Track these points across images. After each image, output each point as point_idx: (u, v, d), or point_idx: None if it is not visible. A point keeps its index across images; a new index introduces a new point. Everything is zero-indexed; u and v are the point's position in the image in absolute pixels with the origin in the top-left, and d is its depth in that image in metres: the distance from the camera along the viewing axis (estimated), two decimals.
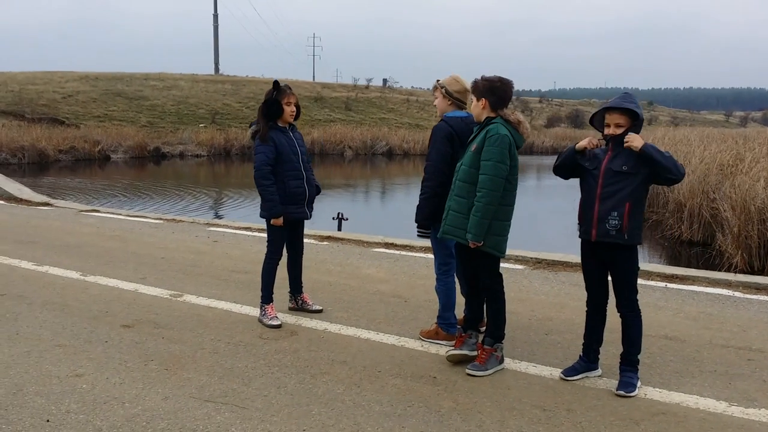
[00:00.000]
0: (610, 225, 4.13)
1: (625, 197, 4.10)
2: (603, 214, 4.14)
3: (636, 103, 4.13)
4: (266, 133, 5.29)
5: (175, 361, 4.64)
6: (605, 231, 4.15)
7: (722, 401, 4.07)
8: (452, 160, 4.72)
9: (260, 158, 5.25)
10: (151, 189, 21.80)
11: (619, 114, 4.11)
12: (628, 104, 4.09)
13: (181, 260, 7.66)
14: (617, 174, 4.11)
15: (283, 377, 4.39)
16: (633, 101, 4.13)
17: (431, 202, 4.79)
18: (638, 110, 4.09)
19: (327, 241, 8.89)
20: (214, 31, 72.38)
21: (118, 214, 11.49)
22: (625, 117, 4.10)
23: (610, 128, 4.14)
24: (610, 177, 4.13)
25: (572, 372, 4.42)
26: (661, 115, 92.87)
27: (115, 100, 46.94)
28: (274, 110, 5.32)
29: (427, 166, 4.85)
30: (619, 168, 4.10)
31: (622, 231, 4.12)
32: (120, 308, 5.81)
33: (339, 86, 66.45)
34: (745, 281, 6.64)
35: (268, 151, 5.25)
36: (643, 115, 4.13)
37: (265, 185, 5.28)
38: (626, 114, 4.10)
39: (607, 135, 4.17)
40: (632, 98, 4.17)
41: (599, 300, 4.40)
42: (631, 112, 4.09)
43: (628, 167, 4.08)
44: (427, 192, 4.80)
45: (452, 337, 4.95)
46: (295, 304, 5.80)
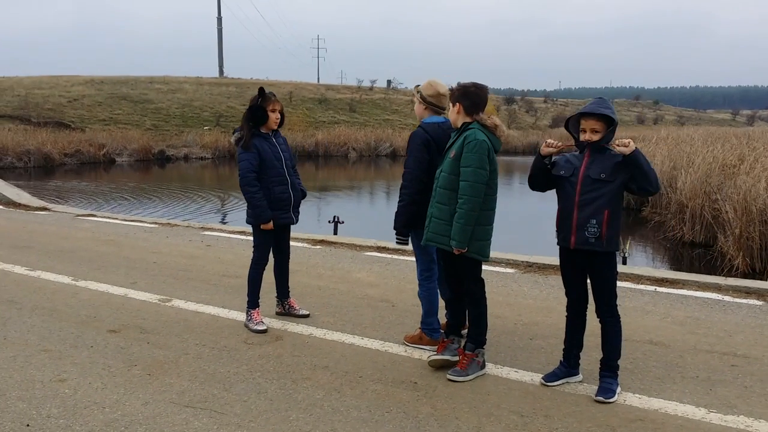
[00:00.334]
0: (589, 233, 4.12)
1: (604, 205, 4.10)
2: (582, 222, 4.14)
3: (611, 108, 4.13)
4: (249, 140, 5.30)
5: (158, 366, 4.66)
6: (584, 239, 4.15)
7: (702, 408, 4.06)
8: (429, 167, 4.74)
9: (244, 165, 5.27)
10: (154, 192, 21.84)
11: (596, 120, 4.10)
12: (604, 110, 4.09)
13: (173, 265, 7.69)
14: (595, 181, 4.10)
15: (264, 383, 4.41)
16: (608, 106, 4.13)
17: (409, 210, 4.80)
18: (613, 116, 4.09)
19: (320, 245, 8.91)
20: (218, 34, 72.66)
21: (114, 218, 11.53)
22: (601, 123, 4.10)
23: (586, 134, 4.14)
24: (588, 184, 4.12)
25: (553, 377, 4.42)
26: (666, 115, 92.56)
27: (120, 103, 47.15)
28: (258, 117, 5.33)
29: (404, 174, 4.83)
30: (597, 175, 4.10)
31: (601, 238, 4.12)
32: (108, 313, 5.84)
33: (343, 88, 66.51)
34: (735, 285, 6.61)
35: (251, 158, 5.27)
36: (617, 120, 4.13)
37: (251, 192, 5.30)
38: (602, 119, 4.10)
39: (583, 140, 4.16)
40: (607, 103, 4.16)
41: (579, 305, 4.40)
42: (607, 117, 4.09)
43: (606, 174, 4.08)
44: (405, 199, 4.81)
45: (436, 342, 4.96)
46: (282, 309, 5.82)
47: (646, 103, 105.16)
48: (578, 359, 4.48)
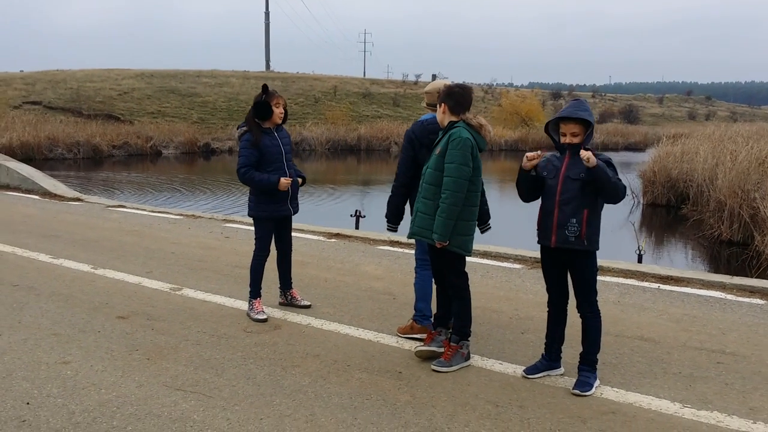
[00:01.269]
0: (569, 231, 4.21)
1: (583, 204, 4.19)
2: (562, 221, 4.23)
3: (588, 111, 4.21)
4: (259, 137, 5.49)
5: (157, 352, 4.89)
6: (564, 237, 4.23)
7: (677, 402, 4.12)
8: (413, 162, 4.97)
9: (242, 161, 5.47)
10: (196, 184, 22.38)
11: (574, 123, 4.19)
12: (581, 113, 4.16)
13: (189, 255, 7.95)
14: (575, 182, 4.19)
15: (255, 369, 4.59)
16: (585, 109, 4.21)
17: (393, 201, 5.13)
18: (590, 119, 4.16)
19: (335, 238, 9.09)
20: (265, 29, 73.41)
21: (143, 209, 11.89)
22: (579, 126, 4.18)
23: (566, 137, 4.22)
24: (568, 185, 4.21)
25: (534, 370, 4.52)
26: (719, 111, 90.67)
27: (168, 96, 48.18)
28: (264, 112, 5.52)
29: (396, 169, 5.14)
30: (576, 176, 4.19)
31: (581, 237, 4.20)
32: (120, 300, 6.11)
33: (388, 82, 66.72)
34: (740, 284, 6.58)
35: (250, 155, 5.46)
36: (594, 122, 4.21)
37: (248, 177, 5.48)
38: (580, 122, 4.18)
39: (563, 143, 4.25)
40: (585, 106, 4.24)
41: (560, 301, 4.49)
42: (585, 120, 4.17)
43: (585, 175, 4.16)
44: (392, 191, 5.14)
45: (426, 329, 5.11)
46: (285, 300, 6.01)
47: (697, 98, 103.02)
48: (560, 353, 4.56)
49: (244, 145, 5.50)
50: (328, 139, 41.39)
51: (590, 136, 4.22)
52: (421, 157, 4.91)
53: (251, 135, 5.49)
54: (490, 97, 65.85)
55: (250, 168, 5.47)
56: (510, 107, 52.51)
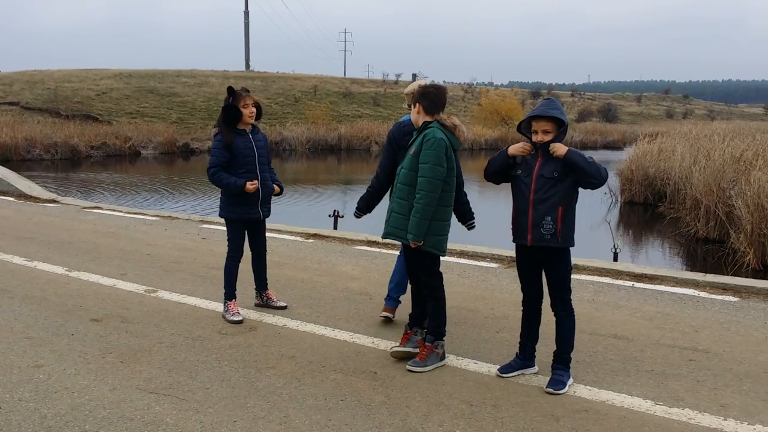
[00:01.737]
0: (544, 230, 4.23)
1: (558, 202, 4.21)
2: (537, 220, 4.25)
3: (560, 110, 4.24)
4: (232, 140, 5.47)
5: (131, 354, 4.86)
6: (540, 235, 4.26)
7: (648, 400, 4.16)
8: (393, 163, 5.10)
9: (212, 161, 5.47)
10: (174, 185, 22.24)
11: (546, 121, 4.21)
12: (553, 111, 4.19)
13: (165, 257, 7.91)
14: (549, 180, 4.22)
15: (229, 371, 4.57)
16: (557, 107, 4.24)
17: (366, 196, 5.27)
18: (563, 117, 4.20)
19: (313, 238, 9.08)
20: (245, 28, 73.18)
21: (119, 211, 11.80)
22: (551, 123, 4.21)
23: (538, 135, 4.25)
24: (542, 183, 4.23)
25: (508, 369, 4.54)
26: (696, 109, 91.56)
27: (147, 96, 47.87)
28: (233, 115, 5.50)
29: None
30: (550, 174, 4.21)
31: (556, 235, 4.23)
32: (94, 303, 6.06)
33: (368, 82, 66.74)
34: (713, 281, 6.66)
35: (221, 156, 5.44)
36: (567, 120, 4.24)
37: (216, 177, 5.48)
38: (552, 121, 4.20)
39: (536, 142, 4.27)
40: (556, 104, 4.27)
41: (534, 300, 4.52)
42: (557, 119, 4.19)
43: (558, 173, 4.20)
44: (368, 188, 5.29)
45: (388, 309, 5.59)
46: (261, 301, 5.99)
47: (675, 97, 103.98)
48: (534, 351, 4.59)
49: (216, 145, 5.49)
50: (309, 139, 41.30)
51: (563, 135, 4.24)
52: (399, 158, 4.96)
53: (223, 138, 5.47)
54: (470, 97, 66.05)
55: (219, 169, 5.46)
56: (490, 106, 52.67)
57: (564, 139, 4.27)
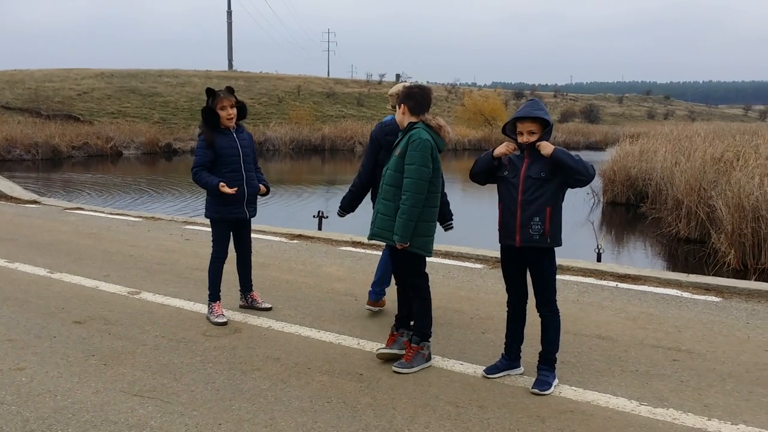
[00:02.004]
0: (533, 230, 4.24)
1: (545, 202, 4.22)
2: (525, 221, 4.25)
3: (544, 110, 4.26)
4: (212, 139, 5.46)
5: (114, 357, 4.81)
6: (528, 236, 4.26)
7: (633, 400, 4.17)
8: (369, 161, 5.37)
9: (195, 160, 5.47)
10: (157, 185, 22.10)
11: (530, 122, 4.22)
12: (538, 112, 4.21)
13: (148, 258, 7.85)
14: (536, 181, 4.22)
15: (214, 373, 4.54)
16: (541, 108, 4.26)
17: (348, 195, 5.53)
18: (547, 117, 4.21)
19: (297, 239, 9.05)
20: (228, 28, 73.02)
21: (101, 212, 11.71)
22: (536, 124, 4.22)
23: (523, 136, 4.26)
24: (529, 184, 4.24)
25: (494, 370, 4.54)
26: (677, 110, 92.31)
27: (129, 96, 47.59)
28: (210, 119, 5.49)
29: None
30: (537, 175, 4.22)
31: (545, 235, 4.24)
32: (76, 305, 6.00)
33: (352, 82, 66.71)
34: (695, 281, 6.71)
35: (204, 156, 5.43)
36: (552, 121, 4.25)
37: (198, 177, 5.47)
38: (537, 121, 4.21)
39: (522, 143, 4.28)
40: (540, 105, 4.29)
41: (519, 301, 4.53)
42: (542, 119, 4.21)
43: (545, 173, 4.21)
44: (350, 187, 5.54)
45: (371, 302, 5.80)
46: (245, 302, 5.96)
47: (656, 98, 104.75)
48: (519, 352, 4.60)
49: (200, 145, 5.48)
50: (292, 139, 41.23)
51: (548, 135, 4.25)
52: (381, 157, 5.11)
53: (206, 138, 5.46)
54: (453, 97, 66.21)
55: (202, 168, 5.44)
56: (473, 107, 52.84)
57: (549, 140, 4.29)
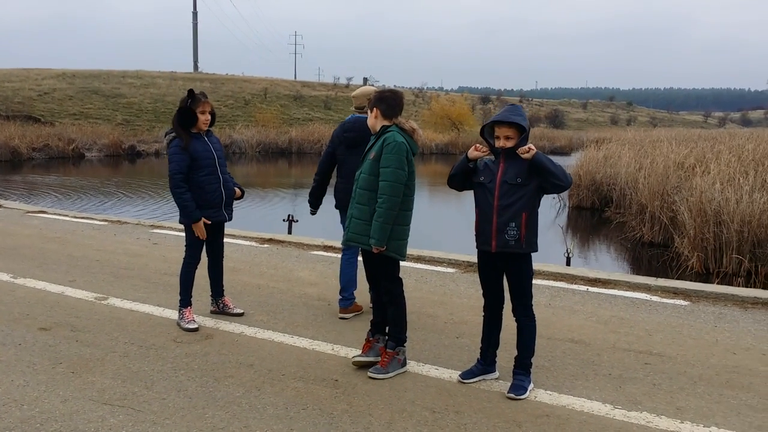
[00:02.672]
0: (509, 236, 4.24)
1: (521, 208, 4.22)
2: (501, 226, 4.25)
3: (522, 116, 4.27)
4: (189, 142, 5.37)
5: (83, 364, 4.70)
6: (504, 242, 4.26)
7: (608, 404, 4.20)
8: (330, 157, 5.93)
9: (174, 167, 5.33)
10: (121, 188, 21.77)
11: (508, 127, 4.23)
12: (515, 117, 4.21)
13: (115, 263, 7.70)
14: (512, 186, 4.22)
15: (186, 381, 4.46)
16: (519, 113, 4.27)
17: (311, 190, 6.12)
18: (524, 123, 4.22)
19: (268, 243, 8.97)
20: (193, 29, 72.26)
21: (65, 215, 11.47)
22: (513, 129, 4.23)
23: (500, 140, 4.26)
24: (505, 189, 4.23)
25: (469, 375, 4.54)
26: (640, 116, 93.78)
27: (91, 97, 46.84)
28: (187, 119, 5.39)
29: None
30: (513, 180, 4.22)
31: (520, 241, 4.24)
32: (42, 311, 5.86)
33: (319, 85, 66.58)
34: (663, 285, 6.79)
35: (181, 161, 5.33)
36: (529, 127, 4.27)
37: (178, 193, 5.36)
38: (514, 127, 4.22)
39: (498, 147, 4.28)
40: (519, 110, 4.30)
41: (496, 307, 4.53)
42: (519, 125, 4.21)
43: (521, 179, 4.21)
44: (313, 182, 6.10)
45: (343, 309, 5.91)
46: (217, 308, 5.88)
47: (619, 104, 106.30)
48: (495, 357, 4.60)
49: (175, 150, 5.36)
50: (259, 142, 40.98)
51: (524, 141, 4.27)
52: (339, 153, 5.77)
53: (180, 140, 5.36)
54: (420, 101, 66.43)
55: (184, 177, 5.34)
56: (440, 111, 53.07)
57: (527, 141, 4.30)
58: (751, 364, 4.85)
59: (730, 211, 10.62)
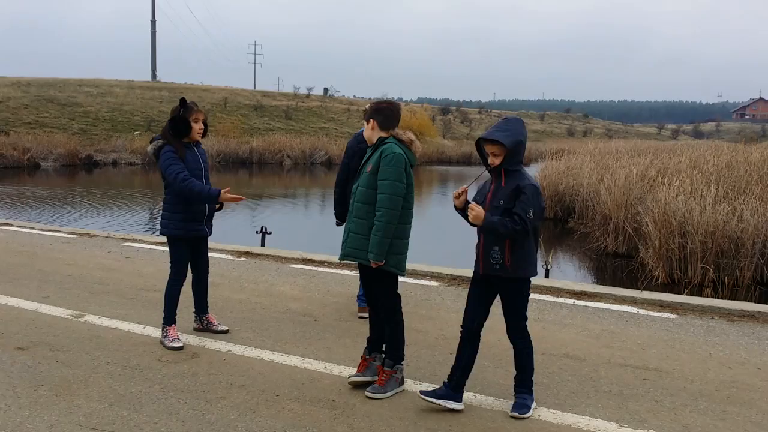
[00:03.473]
0: (493, 259, 4.10)
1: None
2: (486, 248, 4.12)
3: (509, 131, 4.05)
4: (183, 152, 5.19)
5: (66, 387, 4.48)
6: (489, 265, 4.13)
7: (613, 422, 4.13)
8: (347, 167, 5.92)
9: (176, 168, 5.12)
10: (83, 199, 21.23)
11: (491, 144, 4.07)
12: (496, 134, 4.03)
13: (88, 278, 7.42)
14: (497, 209, 4.05)
15: (176, 403, 4.28)
16: (505, 129, 4.06)
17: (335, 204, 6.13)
18: (503, 140, 4.00)
19: (245, 256, 8.76)
20: (152, 38, 71.28)
21: (31, 228, 11.08)
22: (497, 146, 4.04)
23: (490, 158, 4.13)
24: (492, 211, 4.07)
25: (431, 394, 4.27)
26: (595, 128, 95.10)
27: (47, 106, 45.76)
28: (181, 128, 5.21)
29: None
30: (498, 203, 4.06)
31: (505, 265, 4.08)
32: (17, 329, 5.59)
33: (279, 95, 66.06)
34: (650, 298, 6.79)
35: (181, 169, 5.14)
36: (511, 143, 4.02)
37: (187, 185, 5.10)
38: (498, 143, 4.03)
39: (490, 164, 4.16)
40: (504, 125, 4.10)
41: (473, 327, 4.30)
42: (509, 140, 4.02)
43: (504, 202, 4.03)
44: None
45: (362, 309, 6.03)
46: (201, 325, 5.68)
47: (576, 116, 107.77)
48: (462, 385, 4.31)
49: (170, 156, 5.15)
50: (219, 152, 40.42)
51: (513, 157, 4.08)
52: (353, 163, 5.61)
53: (174, 148, 5.16)
54: None
55: (188, 175, 5.13)
56: (401, 122, 52.43)
57: (520, 159, 4.14)
58: (748, 379, 4.85)
59: (694, 221, 10.78)
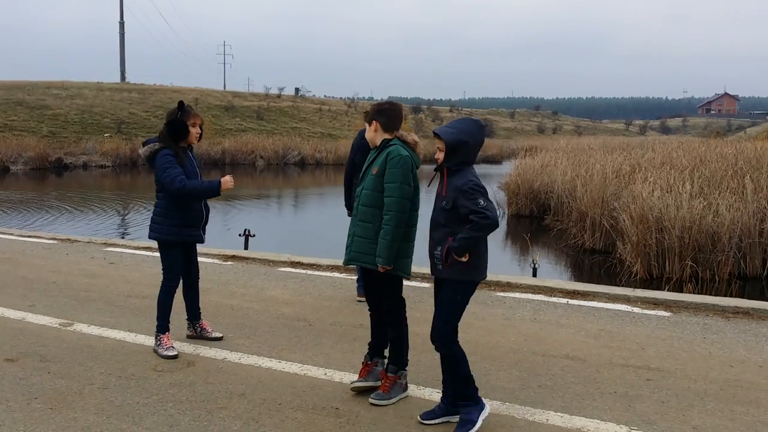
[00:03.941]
0: (436, 259, 4.00)
1: (448, 233, 3.92)
2: (432, 248, 4.02)
3: (457, 129, 3.92)
4: (182, 157, 5.08)
5: (60, 399, 4.35)
6: (433, 264, 4.05)
7: (623, 425, 4.09)
8: (351, 161, 6.44)
9: (174, 172, 5.00)
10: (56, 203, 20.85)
11: (439, 139, 3.94)
12: (441, 129, 3.95)
13: (74, 285, 7.24)
14: (440, 210, 3.97)
15: (176, 414, 4.17)
16: (452, 126, 3.96)
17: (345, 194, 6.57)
18: (443, 136, 3.89)
19: (232, 260, 8.62)
20: (120, 39, 70.38)
21: (9, 234, 10.83)
22: (442, 141, 3.92)
23: (437, 152, 4.00)
24: (437, 212, 4.00)
25: (430, 416, 4.12)
26: (565, 125, 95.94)
27: (15, 109, 45.00)
28: (179, 132, 5.09)
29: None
30: (440, 203, 3.98)
31: (446, 266, 3.94)
32: (5, 339, 5.43)
33: (251, 95, 65.63)
34: (643, 296, 6.79)
35: (180, 173, 5.02)
36: (451, 140, 3.88)
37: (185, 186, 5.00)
38: (442, 139, 3.91)
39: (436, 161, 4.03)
40: (456, 123, 3.99)
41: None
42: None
43: (446, 202, 3.93)
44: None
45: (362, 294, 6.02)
46: (194, 332, 5.56)
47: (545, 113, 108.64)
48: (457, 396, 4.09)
49: (168, 160, 5.02)
50: None
51: (453, 155, 3.91)
52: (358, 159, 5.95)
53: (173, 152, 5.04)
54: (353, 111, 66.20)
55: (185, 177, 5.02)
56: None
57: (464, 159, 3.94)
58: (752, 378, 4.85)
59: (670, 217, 10.87)
